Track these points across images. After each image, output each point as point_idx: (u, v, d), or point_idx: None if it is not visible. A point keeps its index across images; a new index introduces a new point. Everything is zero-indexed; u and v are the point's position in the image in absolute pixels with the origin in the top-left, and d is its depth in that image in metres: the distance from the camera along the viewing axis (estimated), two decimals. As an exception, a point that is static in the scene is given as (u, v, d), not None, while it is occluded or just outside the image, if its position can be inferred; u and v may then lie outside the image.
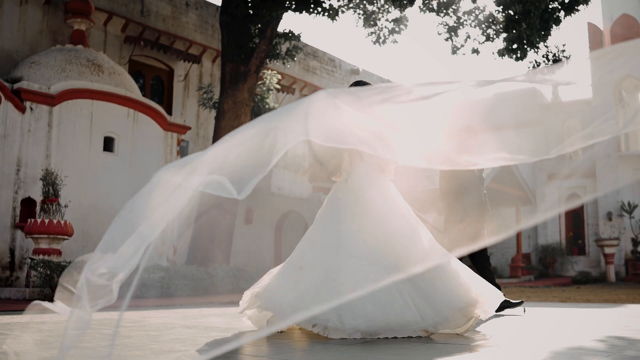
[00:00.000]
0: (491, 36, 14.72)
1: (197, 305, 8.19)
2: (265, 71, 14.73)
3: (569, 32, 67.08)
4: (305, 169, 4.52)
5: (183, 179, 2.38)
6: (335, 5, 13.36)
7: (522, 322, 5.10)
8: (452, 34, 14.92)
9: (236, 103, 12.87)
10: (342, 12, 13.97)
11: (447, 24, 14.86)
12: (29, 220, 9.34)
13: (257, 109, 14.15)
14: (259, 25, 13.06)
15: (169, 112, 15.11)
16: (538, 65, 14.58)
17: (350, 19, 55.26)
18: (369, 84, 4.45)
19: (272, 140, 2.52)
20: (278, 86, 15.16)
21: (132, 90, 12.37)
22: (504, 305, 6.03)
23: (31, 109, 10.61)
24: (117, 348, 3.43)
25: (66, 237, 9.41)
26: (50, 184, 9.38)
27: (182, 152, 14.46)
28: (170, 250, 12.09)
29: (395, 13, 15.26)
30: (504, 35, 14.47)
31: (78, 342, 2.47)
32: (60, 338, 3.93)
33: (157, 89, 16.05)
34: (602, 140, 2.90)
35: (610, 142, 21.48)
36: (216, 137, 13.10)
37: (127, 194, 11.57)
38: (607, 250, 18.66)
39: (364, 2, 14.43)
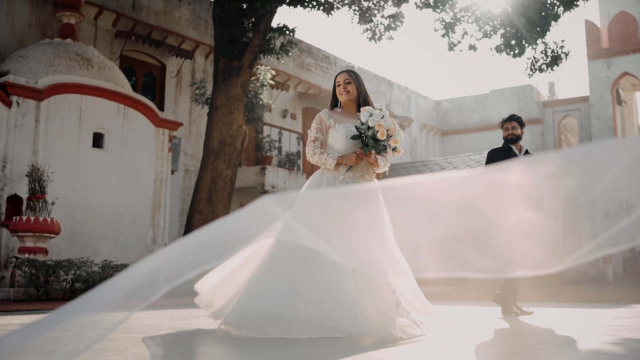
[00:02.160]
0: (488, 33, 14.50)
1: (188, 305, 7.92)
2: (259, 66, 14.46)
3: (566, 30, 67.10)
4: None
5: None
6: (331, -1, 13.13)
7: (528, 323, 4.87)
8: (449, 30, 14.70)
9: (229, 98, 12.60)
10: (338, 8, 13.72)
11: (443, 20, 14.64)
12: (14, 217, 9.05)
13: (251, 105, 13.88)
14: (253, 19, 12.80)
15: (161, 109, 14.82)
16: (536, 62, 14.39)
17: (345, 15, 55.10)
18: (351, 69, 4.50)
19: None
20: (272, 82, 14.88)
21: (123, 85, 12.07)
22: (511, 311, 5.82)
23: (18, 103, 10.30)
24: (96, 353, 3.17)
25: (53, 235, 9.13)
26: (37, 180, 9.10)
27: (174, 149, 14.18)
28: (161, 249, 11.81)
29: (391, 9, 15.04)
30: (502, 31, 14.25)
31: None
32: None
33: (150, 86, 15.76)
34: (614, 252, 2.69)
35: (608, 140, 21.27)
36: (209, 133, 12.83)
37: (117, 191, 11.29)
38: (605, 250, 18.42)
39: (360, -3, 14.20)
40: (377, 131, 4.05)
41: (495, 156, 6.13)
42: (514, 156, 6.08)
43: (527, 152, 6.26)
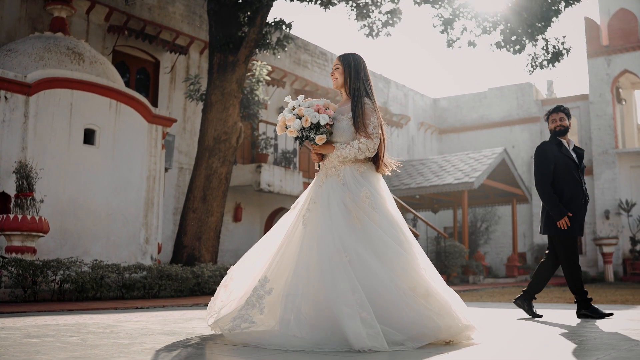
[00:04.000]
0: (488, 29, 14.25)
1: (181, 307, 7.65)
2: (254, 62, 14.16)
3: (565, 28, 66.91)
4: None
5: None
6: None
7: (539, 326, 4.61)
8: (448, 26, 14.45)
9: (224, 94, 12.30)
10: (334, 4, 13.44)
11: (442, 16, 14.38)
12: (1, 216, 8.74)
13: (246, 101, 13.58)
14: (248, 13, 12.51)
15: (155, 105, 14.51)
16: (537, 58, 14.14)
17: (342, 12, 54.84)
18: (345, 53, 4.08)
19: None
20: (268, 78, 14.58)
21: (115, 80, 11.76)
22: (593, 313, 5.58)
23: (6, 98, 9.98)
24: (76, 362, 2.88)
25: (41, 234, 8.82)
26: (24, 177, 8.79)
27: (168, 146, 13.87)
28: (154, 249, 11.51)
29: (388, 5, 14.77)
30: (501, 27, 14.00)
31: None
32: (15, 347, 3.37)
33: (143, 82, 15.44)
34: None
35: (608, 139, 21.10)
36: (203, 129, 12.55)
37: (109, 189, 10.98)
38: (605, 250, 18.20)
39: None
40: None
41: (546, 150, 5.72)
42: (565, 150, 5.72)
43: (575, 146, 5.89)
